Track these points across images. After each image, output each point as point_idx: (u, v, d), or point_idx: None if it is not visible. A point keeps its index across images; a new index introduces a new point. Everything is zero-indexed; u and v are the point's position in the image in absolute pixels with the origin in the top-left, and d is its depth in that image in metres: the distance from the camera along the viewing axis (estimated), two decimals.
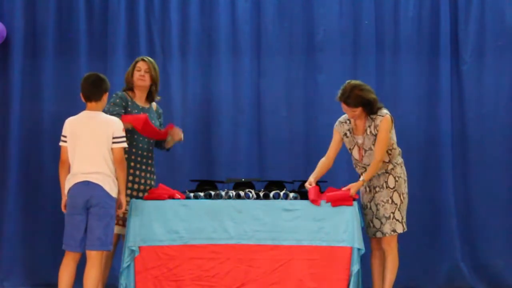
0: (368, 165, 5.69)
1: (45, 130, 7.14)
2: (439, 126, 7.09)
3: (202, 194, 5.79)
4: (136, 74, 6.01)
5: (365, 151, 5.70)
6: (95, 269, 5.32)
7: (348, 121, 5.78)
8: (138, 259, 5.60)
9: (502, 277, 7.00)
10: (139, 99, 6.04)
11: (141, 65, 6.04)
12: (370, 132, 5.66)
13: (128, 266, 5.60)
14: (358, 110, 5.63)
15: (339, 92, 5.64)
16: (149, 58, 6.12)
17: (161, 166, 7.01)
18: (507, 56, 7.10)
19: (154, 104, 6.17)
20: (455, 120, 7.11)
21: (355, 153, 5.76)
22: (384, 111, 5.67)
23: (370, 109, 5.64)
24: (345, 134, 5.79)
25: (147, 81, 6.02)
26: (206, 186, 5.98)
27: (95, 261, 5.32)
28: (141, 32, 7.26)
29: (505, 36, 7.11)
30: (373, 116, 5.65)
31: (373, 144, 5.65)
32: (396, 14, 7.19)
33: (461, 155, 7.12)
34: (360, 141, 5.72)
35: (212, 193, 5.76)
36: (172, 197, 5.78)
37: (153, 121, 5.96)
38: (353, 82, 5.67)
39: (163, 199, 5.71)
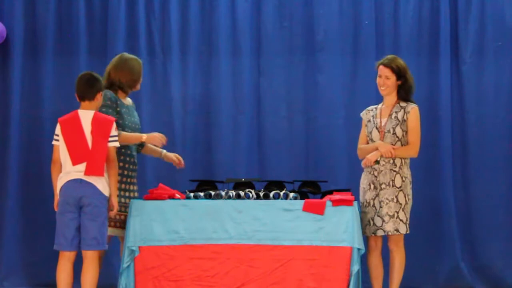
0: None
1: (45, 130, 7.13)
2: (439, 126, 7.09)
3: (202, 194, 5.80)
4: (140, 81, 5.90)
5: (384, 133, 5.71)
6: (92, 269, 5.31)
7: (374, 109, 5.83)
8: (138, 259, 5.60)
9: (502, 277, 7.00)
10: (125, 98, 5.85)
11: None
12: (396, 117, 5.68)
13: (128, 266, 5.60)
14: (392, 80, 5.70)
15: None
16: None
17: (161, 166, 7.02)
18: (507, 56, 7.10)
19: (129, 99, 5.97)
20: (455, 120, 7.11)
21: (375, 136, 5.73)
22: (415, 104, 5.74)
23: (404, 93, 5.72)
24: (369, 120, 5.83)
25: None
26: (206, 186, 5.98)
27: (91, 261, 5.31)
28: (141, 32, 7.26)
29: (505, 36, 7.11)
30: (403, 104, 5.71)
31: (393, 128, 5.65)
32: (396, 14, 7.19)
33: (461, 155, 7.12)
34: (379, 123, 5.73)
35: (212, 193, 5.76)
36: (172, 197, 5.78)
37: (133, 118, 5.83)
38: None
39: (163, 199, 5.71)
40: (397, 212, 5.63)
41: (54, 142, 5.42)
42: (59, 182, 5.35)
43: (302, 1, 7.23)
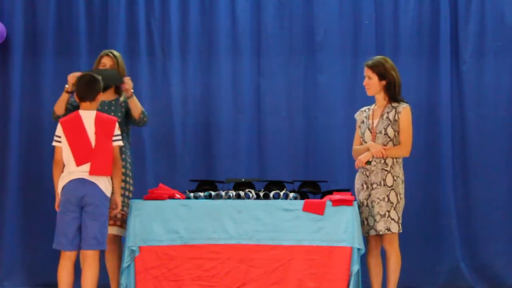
0: None
1: (45, 130, 7.12)
2: (439, 126, 7.09)
3: (202, 194, 5.80)
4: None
5: (376, 134, 5.70)
6: (93, 269, 5.31)
7: (367, 110, 5.83)
8: (138, 259, 5.60)
9: (502, 277, 7.00)
10: (103, 94, 5.67)
11: (106, 60, 5.89)
12: (387, 117, 5.68)
13: (128, 266, 5.61)
14: (374, 81, 5.69)
15: None
16: (115, 52, 5.97)
17: (161, 166, 7.03)
18: (507, 56, 7.10)
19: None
20: (455, 120, 7.11)
21: (367, 137, 5.74)
22: (407, 104, 5.73)
23: (391, 93, 5.69)
24: (362, 121, 5.82)
25: None
26: (206, 186, 5.99)
27: (92, 261, 5.31)
28: (141, 32, 7.26)
29: (505, 36, 7.11)
30: (395, 104, 5.70)
31: (384, 128, 5.65)
32: (396, 14, 7.19)
33: (461, 155, 7.12)
34: (371, 124, 5.73)
35: (212, 193, 5.77)
36: (172, 197, 5.79)
37: (115, 114, 5.78)
38: (387, 58, 5.84)
39: (163, 199, 5.71)
40: (388, 211, 5.62)
41: (55, 144, 5.43)
42: (61, 182, 5.36)
43: (302, 1, 7.22)
